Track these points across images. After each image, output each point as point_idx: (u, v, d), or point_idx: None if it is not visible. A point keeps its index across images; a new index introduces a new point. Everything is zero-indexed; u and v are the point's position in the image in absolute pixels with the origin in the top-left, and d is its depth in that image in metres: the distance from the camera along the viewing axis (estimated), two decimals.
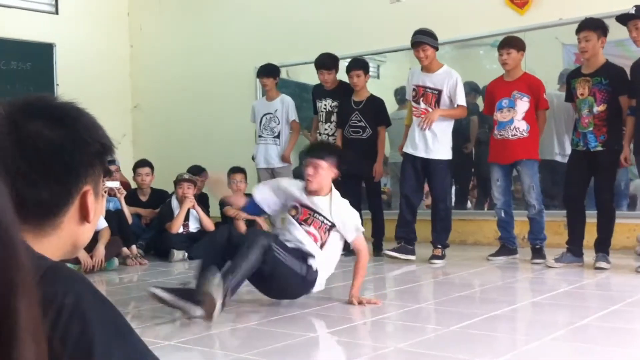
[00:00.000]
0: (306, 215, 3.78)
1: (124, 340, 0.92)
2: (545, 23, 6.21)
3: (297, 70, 6.64)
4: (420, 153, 5.50)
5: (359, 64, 6.01)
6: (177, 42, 8.99)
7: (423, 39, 5.42)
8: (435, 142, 5.43)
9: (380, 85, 7.42)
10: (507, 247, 5.47)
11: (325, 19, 7.53)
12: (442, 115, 5.41)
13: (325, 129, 6.20)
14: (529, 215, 5.29)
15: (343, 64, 6.28)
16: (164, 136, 8.97)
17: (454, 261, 5.55)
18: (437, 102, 5.46)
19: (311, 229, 3.74)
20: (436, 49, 5.50)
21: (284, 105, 6.62)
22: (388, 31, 7.00)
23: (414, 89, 5.57)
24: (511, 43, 5.30)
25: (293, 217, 3.81)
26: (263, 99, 6.91)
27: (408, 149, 5.59)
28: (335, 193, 3.88)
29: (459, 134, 7.11)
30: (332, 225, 3.76)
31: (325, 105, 6.21)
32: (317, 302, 3.81)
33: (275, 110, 6.64)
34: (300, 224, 3.77)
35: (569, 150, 6.14)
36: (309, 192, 3.82)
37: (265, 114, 6.65)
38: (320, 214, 3.77)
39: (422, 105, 5.50)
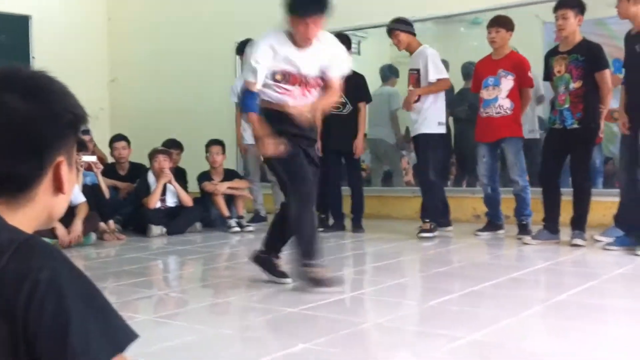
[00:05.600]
0: (296, 81, 3.61)
1: (100, 315, 0.91)
2: (526, 1, 6.21)
3: None
4: (413, 133, 5.65)
5: (341, 40, 5.98)
6: (156, 15, 8.86)
7: (392, 26, 5.58)
8: (419, 118, 5.52)
9: (361, 61, 7.38)
10: (493, 222, 5.53)
11: None
12: (421, 94, 5.48)
13: None
14: (514, 192, 5.35)
15: None
16: (141, 110, 8.87)
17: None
18: (418, 80, 5.54)
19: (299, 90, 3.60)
20: (411, 33, 5.57)
21: None
22: (369, 7, 6.96)
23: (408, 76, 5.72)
24: (500, 22, 5.35)
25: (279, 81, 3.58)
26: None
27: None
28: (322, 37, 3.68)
29: None
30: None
31: None
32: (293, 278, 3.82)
33: None
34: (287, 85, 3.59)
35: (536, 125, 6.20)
36: (300, 46, 3.61)
37: None
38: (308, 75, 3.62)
39: (410, 87, 5.63)
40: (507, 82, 5.29)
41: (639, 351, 2.52)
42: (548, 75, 5.07)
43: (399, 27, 5.53)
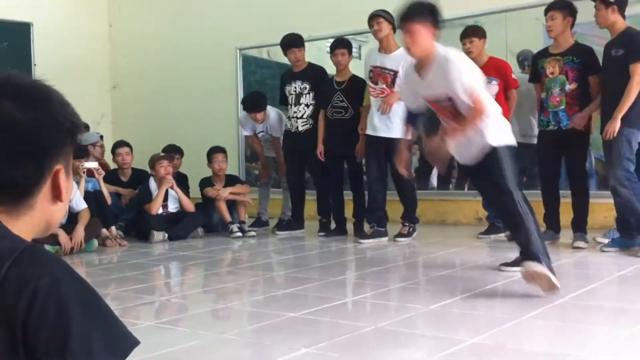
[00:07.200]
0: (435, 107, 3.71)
1: (102, 322, 0.92)
2: (526, 4, 6.22)
3: (278, 50, 6.57)
4: (382, 133, 5.47)
5: (343, 43, 6.00)
6: (157, 21, 8.88)
7: (378, 12, 5.45)
8: (395, 121, 5.37)
9: (362, 65, 7.38)
10: (495, 225, 5.53)
11: None
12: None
13: (295, 112, 6.16)
14: None
15: (318, 44, 6.23)
16: (143, 116, 8.89)
17: (434, 241, 5.59)
18: (393, 82, 5.44)
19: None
20: (393, 29, 5.39)
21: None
22: (370, 11, 6.95)
23: (370, 70, 5.58)
24: (472, 32, 5.38)
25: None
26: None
27: (369, 131, 5.58)
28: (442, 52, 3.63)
29: None
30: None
31: (295, 87, 6.16)
32: (295, 283, 3.83)
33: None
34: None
35: (534, 131, 6.17)
36: (418, 67, 3.65)
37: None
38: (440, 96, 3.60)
39: (380, 85, 5.50)
40: (493, 88, 5.29)
41: None
42: (537, 77, 5.10)
43: (384, 15, 5.39)
